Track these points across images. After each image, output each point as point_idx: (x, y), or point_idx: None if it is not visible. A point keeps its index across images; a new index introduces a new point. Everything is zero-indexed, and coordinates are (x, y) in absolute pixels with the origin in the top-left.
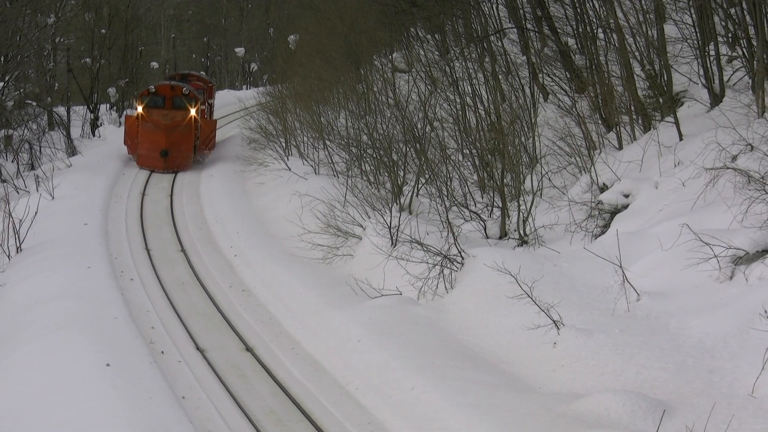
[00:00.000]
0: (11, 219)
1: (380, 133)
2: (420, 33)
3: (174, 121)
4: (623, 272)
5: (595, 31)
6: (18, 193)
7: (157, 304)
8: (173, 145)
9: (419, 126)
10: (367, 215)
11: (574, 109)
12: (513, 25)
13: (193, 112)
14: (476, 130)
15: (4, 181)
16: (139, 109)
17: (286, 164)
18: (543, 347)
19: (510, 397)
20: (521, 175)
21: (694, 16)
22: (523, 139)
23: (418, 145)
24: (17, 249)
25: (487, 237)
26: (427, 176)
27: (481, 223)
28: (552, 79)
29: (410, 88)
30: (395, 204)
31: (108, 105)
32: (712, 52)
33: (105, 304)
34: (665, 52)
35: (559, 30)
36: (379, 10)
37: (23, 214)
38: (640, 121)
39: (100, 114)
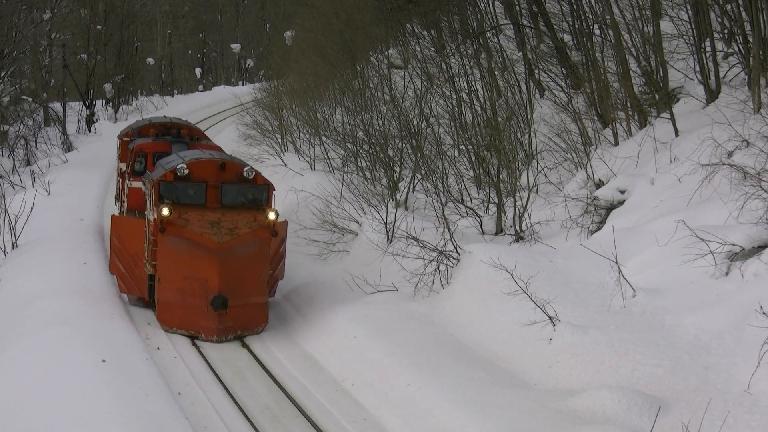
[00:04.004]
0: (7, 215)
1: (376, 129)
2: (416, 29)
3: (235, 235)
4: (619, 268)
5: (591, 27)
6: (14, 188)
7: None
8: (234, 283)
9: (415, 122)
10: (363, 211)
11: (570, 106)
12: (509, 22)
13: (271, 215)
14: (472, 126)
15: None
16: (165, 211)
17: (282, 160)
18: (538, 343)
19: (505, 393)
20: (517, 171)
21: (690, 12)
22: (519, 135)
23: (414, 141)
24: (13, 245)
25: (483, 233)
26: (423, 172)
27: (477, 219)
28: (548, 75)
29: (406, 84)
30: (391, 200)
31: (104, 101)
32: (708, 49)
33: (101, 300)
34: (661, 48)
35: (555, 26)
36: (375, 6)
37: (19, 210)
38: (636, 117)
39: (95, 110)
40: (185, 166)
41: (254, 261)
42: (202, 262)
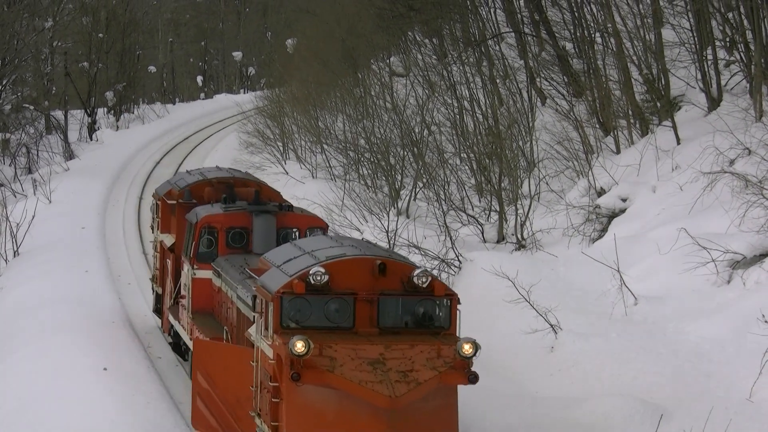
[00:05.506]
0: (8, 223)
1: (378, 137)
2: (417, 37)
3: (413, 383)
4: (621, 276)
5: (593, 35)
6: (15, 196)
7: None
8: None
9: (417, 130)
10: (364, 219)
11: (571, 113)
12: (511, 30)
13: (467, 347)
14: (474, 134)
15: (1, 185)
16: (299, 346)
17: (284, 168)
18: (540, 351)
19: (507, 401)
20: (519, 179)
21: (691, 20)
22: (520, 143)
23: (415, 149)
24: (14, 253)
25: (485, 241)
26: (424, 180)
27: (479, 227)
28: (549, 83)
29: (408, 92)
30: (393, 208)
31: (105, 109)
32: (710, 57)
33: (102, 308)
34: (663, 56)
35: (556, 34)
36: (377, 14)
37: (20, 218)
38: (637, 126)
39: (97, 118)
40: (323, 270)
41: (440, 422)
42: (361, 426)
